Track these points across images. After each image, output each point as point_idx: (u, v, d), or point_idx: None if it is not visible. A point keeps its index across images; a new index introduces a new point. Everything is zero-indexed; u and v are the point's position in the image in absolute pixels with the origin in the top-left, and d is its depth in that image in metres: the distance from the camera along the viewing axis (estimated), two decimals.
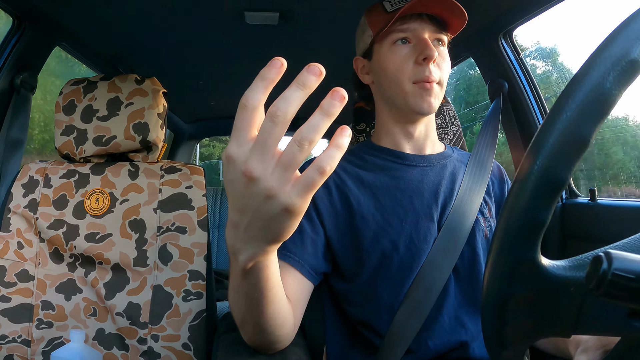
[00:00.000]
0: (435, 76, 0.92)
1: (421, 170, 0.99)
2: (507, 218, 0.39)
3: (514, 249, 0.39)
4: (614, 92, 0.36)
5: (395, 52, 0.95)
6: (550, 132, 0.37)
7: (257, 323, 0.72)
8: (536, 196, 0.37)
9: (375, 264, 0.91)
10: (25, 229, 1.18)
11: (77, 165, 1.23)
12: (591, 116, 0.36)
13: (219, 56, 2.05)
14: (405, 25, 0.93)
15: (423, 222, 0.93)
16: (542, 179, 0.37)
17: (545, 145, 0.37)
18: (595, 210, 1.37)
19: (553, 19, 1.57)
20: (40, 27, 1.47)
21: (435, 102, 0.94)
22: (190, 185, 1.19)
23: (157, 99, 1.20)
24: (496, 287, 0.41)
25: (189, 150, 3.54)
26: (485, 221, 0.97)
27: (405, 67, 0.93)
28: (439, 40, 0.96)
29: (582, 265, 0.40)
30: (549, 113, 0.38)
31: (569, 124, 0.36)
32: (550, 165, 0.37)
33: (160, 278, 1.13)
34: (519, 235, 0.39)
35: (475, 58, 1.76)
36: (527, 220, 0.38)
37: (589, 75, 0.36)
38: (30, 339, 1.13)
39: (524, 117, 1.60)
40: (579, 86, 0.37)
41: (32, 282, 1.16)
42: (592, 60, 0.37)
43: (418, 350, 0.89)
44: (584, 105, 0.36)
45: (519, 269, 0.40)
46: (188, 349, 1.08)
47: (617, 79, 0.36)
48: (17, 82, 1.44)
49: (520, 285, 0.40)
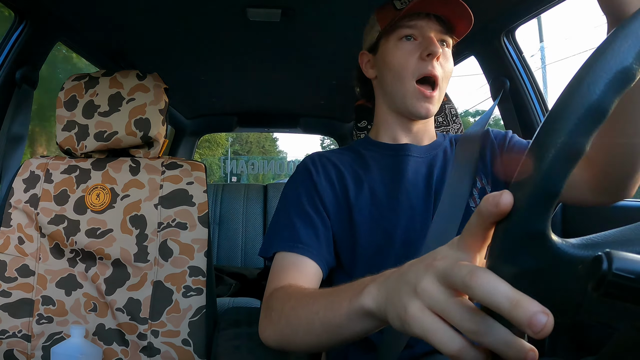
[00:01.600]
0: (437, 73, 0.93)
1: (416, 160, 0.99)
2: (517, 188, 0.38)
3: (524, 220, 0.38)
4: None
5: (400, 47, 0.96)
6: (572, 97, 0.36)
7: (318, 339, 0.69)
8: (552, 165, 0.36)
9: (371, 258, 0.92)
10: (26, 224, 1.18)
11: (78, 160, 1.23)
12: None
13: (220, 52, 2.05)
14: (412, 22, 0.95)
15: (418, 215, 0.93)
16: (562, 145, 0.36)
17: (568, 108, 0.36)
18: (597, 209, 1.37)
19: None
20: (41, 22, 1.47)
21: (434, 107, 0.95)
22: (191, 181, 1.19)
23: (158, 95, 1.20)
24: (502, 259, 0.40)
25: (190, 146, 3.54)
26: (477, 201, 0.97)
27: (409, 62, 0.94)
28: (443, 41, 0.97)
29: (591, 244, 0.39)
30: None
31: None
32: (572, 131, 0.36)
33: (160, 274, 1.13)
34: (529, 205, 0.37)
35: (477, 56, 1.76)
36: (540, 189, 0.37)
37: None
38: (31, 334, 1.14)
39: (525, 115, 1.60)
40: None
41: (32, 277, 1.16)
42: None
43: (417, 344, 0.89)
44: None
45: (527, 241, 0.38)
46: (188, 344, 1.08)
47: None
48: (19, 78, 1.44)
49: (527, 259, 0.39)
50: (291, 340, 0.74)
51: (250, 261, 2.52)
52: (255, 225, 2.58)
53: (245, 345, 0.83)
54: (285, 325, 0.74)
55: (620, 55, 0.35)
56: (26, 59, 1.47)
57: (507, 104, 1.69)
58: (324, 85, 2.53)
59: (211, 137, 21.63)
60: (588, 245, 0.39)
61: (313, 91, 2.74)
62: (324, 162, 1.02)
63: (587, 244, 0.39)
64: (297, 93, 2.83)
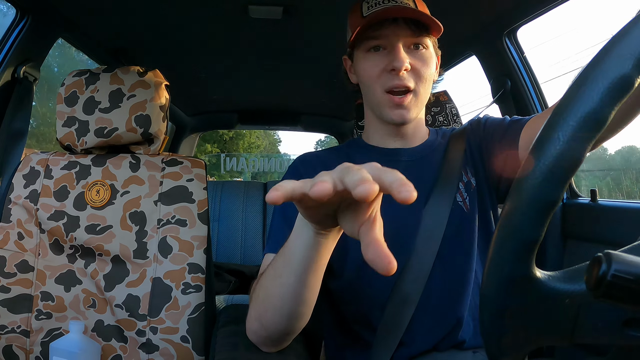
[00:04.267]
0: (408, 84, 0.90)
1: (406, 164, 0.99)
2: (500, 236, 0.39)
3: (508, 266, 0.39)
4: (607, 109, 0.35)
5: (368, 59, 0.94)
6: (544, 152, 0.37)
7: (291, 306, 0.72)
8: (528, 214, 0.37)
9: (360, 262, 0.92)
10: (25, 219, 1.18)
11: (78, 156, 1.23)
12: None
13: (222, 49, 2.05)
14: (377, 31, 0.92)
15: (407, 217, 0.93)
16: (535, 198, 0.37)
17: (538, 164, 0.37)
18: (596, 210, 1.37)
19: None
20: (42, 19, 1.47)
21: (409, 113, 0.93)
22: (191, 178, 1.19)
23: (159, 92, 1.20)
24: (491, 301, 0.41)
25: (190, 143, 3.54)
26: (462, 194, 0.97)
27: (377, 76, 0.93)
28: (417, 44, 0.93)
29: (576, 276, 0.40)
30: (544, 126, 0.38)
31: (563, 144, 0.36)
32: (542, 185, 0.36)
33: (159, 270, 1.13)
34: (512, 251, 0.39)
35: (478, 56, 1.76)
36: (520, 237, 0.38)
37: (582, 93, 0.36)
38: (29, 329, 1.14)
39: (526, 114, 1.60)
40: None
41: (31, 273, 1.16)
42: (583, 78, 0.36)
43: (411, 343, 0.90)
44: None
45: (513, 284, 0.40)
46: (186, 341, 1.08)
47: (610, 97, 0.35)
48: (20, 73, 1.44)
49: (515, 299, 0.40)
50: (269, 316, 0.76)
51: (249, 259, 2.52)
52: (254, 223, 2.58)
53: (243, 342, 0.83)
54: (261, 302, 0.77)
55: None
56: (27, 55, 1.47)
57: (507, 104, 1.69)
58: (325, 83, 2.52)
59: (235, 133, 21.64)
60: (571, 277, 0.40)
61: (314, 89, 2.74)
62: (314, 163, 1.02)
63: (571, 276, 0.40)
64: (298, 91, 2.82)
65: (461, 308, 0.91)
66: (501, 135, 0.97)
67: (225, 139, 21.78)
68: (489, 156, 0.99)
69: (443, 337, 0.90)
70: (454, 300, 0.91)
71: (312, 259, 0.67)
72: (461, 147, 1.01)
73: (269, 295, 0.74)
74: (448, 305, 0.91)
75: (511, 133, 0.94)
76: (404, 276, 0.90)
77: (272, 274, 0.73)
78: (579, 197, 1.56)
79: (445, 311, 0.91)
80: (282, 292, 0.72)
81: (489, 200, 0.99)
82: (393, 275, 0.90)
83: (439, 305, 0.90)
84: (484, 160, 1.00)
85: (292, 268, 0.69)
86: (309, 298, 0.73)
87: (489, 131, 1.01)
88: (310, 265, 0.68)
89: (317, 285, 0.73)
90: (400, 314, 0.89)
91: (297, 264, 0.68)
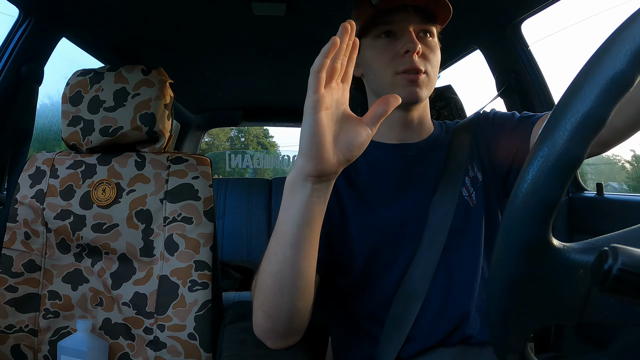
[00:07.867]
0: (419, 66, 0.91)
1: (410, 160, 0.99)
2: (518, 196, 0.38)
3: (525, 228, 0.38)
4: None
5: (379, 45, 0.95)
6: (565, 109, 0.36)
7: (291, 282, 0.74)
8: (549, 175, 0.36)
9: (367, 258, 0.93)
10: (32, 219, 1.19)
11: (83, 155, 1.23)
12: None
13: (225, 47, 2.05)
14: (389, 17, 0.93)
15: (413, 212, 0.93)
16: (556, 159, 0.36)
17: (562, 121, 0.36)
18: (602, 204, 1.37)
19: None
20: (45, 18, 1.47)
21: (423, 91, 0.93)
22: (196, 175, 1.19)
23: (163, 90, 1.20)
24: (504, 267, 0.40)
25: (195, 141, 3.55)
26: (468, 189, 0.97)
27: (389, 60, 0.93)
28: (426, 31, 0.95)
29: (592, 248, 0.39)
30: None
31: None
32: (566, 144, 0.35)
33: (166, 268, 1.13)
34: (530, 213, 0.37)
35: (483, 50, 1.75)
36: (539, 199, 0.37)
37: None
38: (37, 328, 1.14)
39: (531, 109, 1.60)
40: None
41: (39, 272, 1.17)
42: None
43: (418, 338, 0.90)
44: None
45: (529, 248, 0.38)
46: (194, 338, 1.09)
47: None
48: (24, 73, 1.44)
49: (530, 266, 0.39)
50: (270, 301, 0.76)
51: (254, 255, 2.53)
52: (260, 220, 2.58)
53: (251, 338, 0.84)
54: (260, 289, 0.77)
55: (617, 61, 0.34)
56: (31, 55, 1.47)
57: (512, 98, 1.68)
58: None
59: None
60: (588, 249, 0.39)
61: None
62: None
63: (587, 248, 0.39)
64: (303, 87, 2.80)
65: (467, 303, 0.91)
66: (511, 131, 0.96)
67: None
68: (497, 151, 0.99)
69: (450, 332, 0.90)
70: (461, 295, 0.91)
71: (307, 223, 0.69)
72: (467, 140, 1.01)
73: (267, 278, 0.75)
74: (454, 300, 0.91)
75: (523, 128, 0.94)
76: (410, 271, 0.90)
77: (268, 256, 0.75)
78: (585, 191, 1.55)
79: (452, 306, 0.90)
80: (280, 269, 0.73)
81: (495, 196, 0.99)
82: (399, 271, 0.91)
83: (446, 300, 0.90)
84: (490, 155, 1.00)
85: (287, 240, 0.71)
86: (307, 270, 0.74)
87: (497, 125, 1.00)
88: (305, 232, 0.70)
89: (313, 256, 0.74)
90: (407, 309, 0.89)
91: (291, 235, 0.70)
